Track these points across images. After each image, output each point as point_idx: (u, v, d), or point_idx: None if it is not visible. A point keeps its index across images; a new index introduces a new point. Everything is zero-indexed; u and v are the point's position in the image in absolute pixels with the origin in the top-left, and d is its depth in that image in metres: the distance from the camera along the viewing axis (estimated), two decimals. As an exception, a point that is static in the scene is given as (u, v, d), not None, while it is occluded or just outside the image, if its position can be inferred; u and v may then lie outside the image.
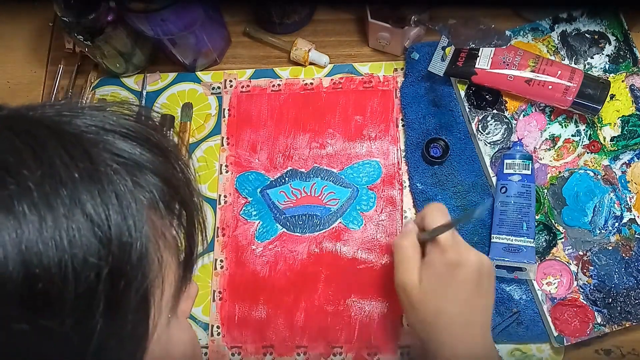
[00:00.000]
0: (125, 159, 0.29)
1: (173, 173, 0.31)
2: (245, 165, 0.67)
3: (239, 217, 0.65)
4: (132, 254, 0.26)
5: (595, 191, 0.61)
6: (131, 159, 0.29)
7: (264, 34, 0.72)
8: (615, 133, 0.63)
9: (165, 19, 0.59)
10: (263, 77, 0.70)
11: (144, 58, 0.70)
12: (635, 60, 0.64)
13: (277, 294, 0.62)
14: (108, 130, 0.29)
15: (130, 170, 0.28)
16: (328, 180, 0.66)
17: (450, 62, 0.64)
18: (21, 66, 0.74)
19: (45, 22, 0.76)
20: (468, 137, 0.65)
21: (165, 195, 0.30)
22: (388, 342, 0.60)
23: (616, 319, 0.57)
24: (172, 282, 0.31)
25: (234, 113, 0.69)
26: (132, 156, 0.29)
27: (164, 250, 0.30)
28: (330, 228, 0.64)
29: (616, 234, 0.60)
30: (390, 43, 0.68)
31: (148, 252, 0.27)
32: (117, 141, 0.29)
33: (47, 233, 0.24)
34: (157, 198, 0.29)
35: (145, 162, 0.29)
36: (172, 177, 0.31)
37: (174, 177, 0.31)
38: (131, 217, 0.27)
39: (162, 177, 0.30)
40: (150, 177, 0.29)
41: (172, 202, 0.31)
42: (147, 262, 0.28)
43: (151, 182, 0.29)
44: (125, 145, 0.29)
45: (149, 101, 0.70)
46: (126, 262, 0.26)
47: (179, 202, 0.31)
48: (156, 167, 0.30)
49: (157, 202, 0.29)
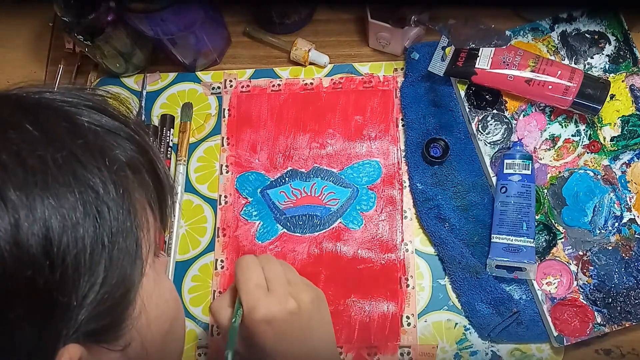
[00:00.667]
0: (98, 126, 0.32)
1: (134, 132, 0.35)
2: (246, 165, 0.67)
3: (240, 217, 0.65)
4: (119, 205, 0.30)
5: (595, 191, 0.61)
6: (103, 126, 0.32)
7: (264, 34, 0.72)
8: (615, 133, 0.63)
9: (165, 19, 0.59)
10: (263, 77, 0.70)
11: (144, 58, 0.70)
12: (635, 60, 0.64)
13: (277, 294, 0.62)
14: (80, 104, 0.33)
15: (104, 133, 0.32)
16: (328, 180, 0.66)
17: (450, 62, 0.64)
18: (21, 66, 0.74)
19: (45, 22, 0.76)
20: (468, 137, 0.65)
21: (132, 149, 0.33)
22: (388, 342, 0.60)
23: (616, 319, 0.57)
24: (152, 224, 0.35)
25: (234, 113, 0.69)
26: (102, 123, 0.32)
27: (141, 200, 0.33)
28: (331, 228, 0.64)
29: (616, 234, 0.60)
30: (390, 43, 0.68)
31: (132, 198, 0.31)
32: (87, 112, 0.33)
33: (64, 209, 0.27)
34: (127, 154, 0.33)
35: (113, 129, 0.33)
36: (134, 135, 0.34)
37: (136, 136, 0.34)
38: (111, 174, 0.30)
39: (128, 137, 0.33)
40: (122, 140, 0.33)
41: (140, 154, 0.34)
42: (133, 206, 0.31)
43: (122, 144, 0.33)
44: (94, 116, 0.33)
45: (149, 101, 0.70)
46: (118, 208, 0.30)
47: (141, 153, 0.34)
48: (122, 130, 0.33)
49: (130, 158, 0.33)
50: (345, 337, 0.60)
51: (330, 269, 0.63)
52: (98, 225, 0.28)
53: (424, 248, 0.63)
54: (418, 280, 0.62)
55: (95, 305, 0.28)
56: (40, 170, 0.27)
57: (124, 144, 0.33)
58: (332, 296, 0.62)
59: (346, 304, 0.61)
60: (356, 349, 0.60)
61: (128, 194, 0.31)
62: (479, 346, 0.59)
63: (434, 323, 0.60)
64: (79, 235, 0.27)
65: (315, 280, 0.62)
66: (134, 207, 0.31)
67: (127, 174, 0.32)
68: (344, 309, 0.61)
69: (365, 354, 0.60)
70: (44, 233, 0.26)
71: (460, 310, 0.60)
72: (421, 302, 0.61)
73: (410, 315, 0.60)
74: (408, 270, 0.62)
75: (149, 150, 0.35)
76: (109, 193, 0.29)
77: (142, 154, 0.34)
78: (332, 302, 0.62)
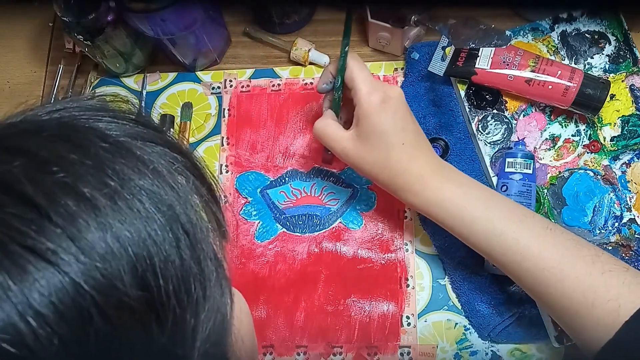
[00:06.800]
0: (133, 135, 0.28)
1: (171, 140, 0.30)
2: (245, 165, 0.67)
3: (239, 217, 0.65)
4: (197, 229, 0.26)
5: (595, 191, 0.61)
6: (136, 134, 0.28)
7: (264, 34, 0.72)
8: (615, 133, 0.63)
9: (165, 19, 0.59)
10: (263, 77, 0.70)
11: (144, 58, 0.70)
12: (635, 60, 0.64)
13: (277, 293, 0.62)
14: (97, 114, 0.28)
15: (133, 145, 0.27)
16: (328, 180, 0.66)
17: (450, 62, 0.64)
18: (21, 66, 0.74)
19: (45, 22, 0.76)
20: (468, 137, 0.65)
21: (179, 161, 0.29)
22: (388, 342, 0.60)
23: (616, 319, 0.57)
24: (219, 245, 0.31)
25: (233, 113, 0.69)
26: (135, 132, 0.28)
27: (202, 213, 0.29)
28: (330, 228, 0.64)
29: (616, 234, 0.60)
30: (390, 43, 0.68)
31: (203, 220, 0.28)
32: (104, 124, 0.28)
33: None
34: (175, 165, 0.28)
35: (150, 136, 0.28)
36: (172, 143, 0.30)
37: (173, 143, 0.30)
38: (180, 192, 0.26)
39: (167, 145, 0.29)
40: (160, 148, 0.28)
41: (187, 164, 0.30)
42: (206, 229, 0.28)
43: (165, 151, 0.28)
44: (124, 124, 0.28)
45: (149, 101, 0.70)
46: (199, 239, 0.26)
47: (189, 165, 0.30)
48: (156, 138, 0.29)
49: (179, 169, 0.28)
50: (345, 337, 0.60)
51: (330, 269, 0.63)
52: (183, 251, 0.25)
53: (424, 248, 0.63)
54: (418, 280, 0.62)
55: (203, 347, 0.26)
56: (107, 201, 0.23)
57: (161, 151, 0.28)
58: (332, 296, 0.62)
59: (346, 304, 0.61)
60: (356, 349, 0.60)
61: (196, 206, 0.28)
62: (479, 346, 0.59)
63: (434, 323, 0.60)
64: (171, 268, 0.24)
65: (315, 280, 0.62)
66: (202, 218, 0.28)
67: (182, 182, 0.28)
68: (344, 309, 0.61)
69: (365, 354, 0.60)
70: None
71: (460, 310, 0.60)
72: (421, 302, 0.61)
73: (410, 315, 0.60)
74: (408, 270, 0.62)
75: (187, 152, 0.31)
76: (186, 213, 0.26)
77: (184, 156, 0.30)
78: (332, 302, 0.62)
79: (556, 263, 0.46)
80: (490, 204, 0.50)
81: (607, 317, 0.43)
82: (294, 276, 0.63)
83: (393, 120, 0.51)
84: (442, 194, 0.51)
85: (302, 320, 0.61)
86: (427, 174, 0.51)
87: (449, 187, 0.51)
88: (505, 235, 0.48)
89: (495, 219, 0.49)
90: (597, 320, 0.44)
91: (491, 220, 0.49)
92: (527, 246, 0.47)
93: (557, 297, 0.46)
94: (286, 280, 0.62)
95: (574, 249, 0.47)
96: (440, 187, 0.51)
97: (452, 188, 0.51)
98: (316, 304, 0.61)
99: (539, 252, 0.47)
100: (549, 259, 0.47)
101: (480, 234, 0.49)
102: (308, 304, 0.62)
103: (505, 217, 0.49)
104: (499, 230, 0.49)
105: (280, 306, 0.62)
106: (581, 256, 0.46)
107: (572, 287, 0.45)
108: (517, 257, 0.48)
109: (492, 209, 0.50)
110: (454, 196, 0.51)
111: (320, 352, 0.60)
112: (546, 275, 0.46)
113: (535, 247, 0.47)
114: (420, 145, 0.52)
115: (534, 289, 0.49)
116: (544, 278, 0.47)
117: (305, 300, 0.62)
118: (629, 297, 0.43)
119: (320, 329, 0.61)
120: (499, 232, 0.49)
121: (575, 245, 0.47)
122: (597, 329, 0.44)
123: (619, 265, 0.46)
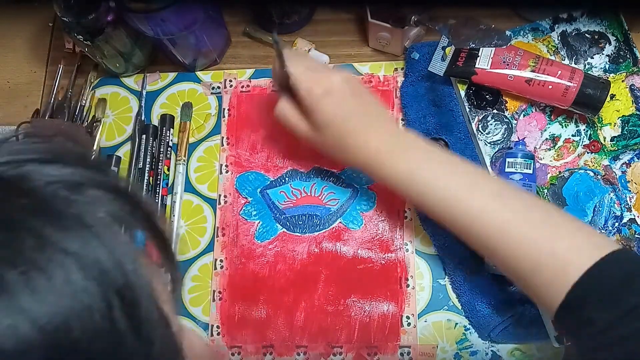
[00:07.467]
0: (59, 182, 0.24)
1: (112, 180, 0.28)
2: (245, 165, 0.67)
3: (239, 217, 0.65)
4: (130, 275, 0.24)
5: (595, 191, 0.61)
6: (63, 180, 0.25)
7: (264, 34, 0.72)
8: (615, 133, 0.63)
9: (165, 19, 0.59)
10: (263, 77, 0.70)
11: (144, 58, 0.70)
12: (635, 60, 0.64)
13: (277, 293, 0.62)
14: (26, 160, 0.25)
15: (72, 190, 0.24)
16: (328, 180, 0.66)
17: (450, 62, 0.64)
18: (21, 66, 0.74)
19: (45, 22, 0.76)
20: (468, 137, 0.65)
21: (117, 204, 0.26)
22: (388, 342, 0.60)
23: (616, 319, 0.57)
24: (164, 285, 0.29)
25: (233, 113, 0.69)
26: (62, 177, 0.25)
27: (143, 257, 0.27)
28: (330, 228, 0.64)
29: (616, 234, 0.60)
30: (390, 43, 0.68)
31: (140, 265, 0.25)
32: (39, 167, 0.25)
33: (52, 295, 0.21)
34: (113, 210, 0.26)
35: (81, 179, 0.25)
36: (112, 184, 0.27)
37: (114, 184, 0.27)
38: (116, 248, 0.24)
39: (105, 187, 0.26)
40: (94, 191, 0.25)
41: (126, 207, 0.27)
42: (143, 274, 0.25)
43: (98, 196, 0.25)
44: (50, 169, 0.25)
45: (148, 101, 0.70)
46: (138, 297, 0.24)
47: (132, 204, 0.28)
48: (94, 180, 0.26)
49: (116, 215, 0.26)
50: (345, 337, 0.60)
51: (330, 269, 0.63)
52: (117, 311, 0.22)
53: (424, 248, 0.63)
54: (418, 280, 0.62)
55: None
56: None
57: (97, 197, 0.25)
58: (332, 296, 0.62)
59: (346, 304, 0.61)
60: (356, 349, 0.60)
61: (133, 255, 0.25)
62: (479, 346, 0.59)
63: (434, 323, 0.60)
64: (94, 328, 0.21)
65: (315, 280, 0.62)
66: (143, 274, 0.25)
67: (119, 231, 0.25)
68: (344, 309, 0.61)
69: (365, 354, 0.60)
70: None
71: (460, 310, 0.60)
72: (421, 302, 0.61)
73: (410, 315, 0.60)
74: (408, 270, 0.62)
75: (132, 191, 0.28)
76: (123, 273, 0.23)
77: (130, 204, 0.27)
78: (332, 302, 0.62)
79: (506, 226, 0.47)
80: (448, 168, 0.51)
81: (556, 279, 0.43)
82: (294, 276, 0.63)
83: (340, 109, 0.52)
84: (398, 167, 0.52)
85: (302, 320, 0.61)
86: (383, 150, 0.52)
87: (405, 160, 0.52)
88: (457, 198, 0.49)
89: (451, 183, 0.50)
90: (548, 282, 0.44)
91: (448, 187, 0.50)
92: (478, 208, 0.48)
93: (507, 260, 0.47)
94: (286, 280, 0.62)
95: (524, 211, 0.47)
96: (397, 162, 0.52)
97: (409, 159, 0.52)
98: (316, 304, 0.61)
99: (485, 214, 0.48)
100: (497, 221, 0.47)
101: (436, 200, 0.50)
102: (308, 304, 0.62)
103: (460, 181, 0.50)
104: (452, 193, 0.50)
105: (280, 306, 0.62)
106: (530, 219, 0.47)
107: (522, 251, 0.46)
108: (466, 221, 0.49)
109: (452, 175, 0.51)
110: (411, 167, 0.51)
111: (320, 352, 0.60)
112: (493, 240, 0.47)
113: (482, 210, 0.48)
114: (372, 123, 0.53)
115: (485, 253, 0.51)
116: (491, 243, 0.48)
117: (305, 300, 0.62)
118: (578, 260, 0.43)
119: (320, 329, 0.61)
120: (452, 196, 0.50)
121: (526, 208, 0.48)
122: (549, 291, 0.44)
123: (570, 226, 0.46)
